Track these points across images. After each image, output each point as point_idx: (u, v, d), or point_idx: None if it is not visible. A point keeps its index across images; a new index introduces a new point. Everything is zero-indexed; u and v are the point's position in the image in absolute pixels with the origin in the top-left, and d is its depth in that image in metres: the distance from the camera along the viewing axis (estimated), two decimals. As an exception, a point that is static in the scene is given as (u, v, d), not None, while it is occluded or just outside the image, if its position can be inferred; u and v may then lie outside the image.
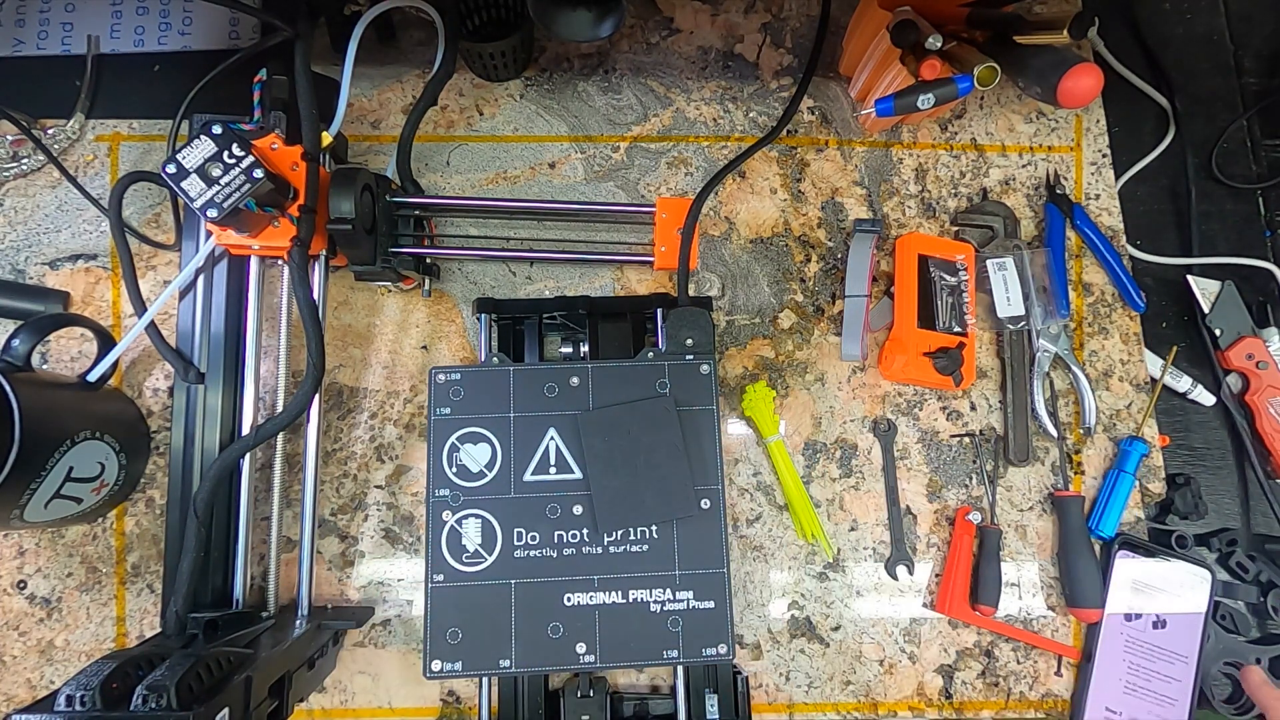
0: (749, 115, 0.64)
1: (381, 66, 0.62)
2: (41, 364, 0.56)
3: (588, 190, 0.62)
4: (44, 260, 0.58)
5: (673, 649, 0.47)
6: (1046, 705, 0.56)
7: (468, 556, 0.48)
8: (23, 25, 0.62)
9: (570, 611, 0.47)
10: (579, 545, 0.49)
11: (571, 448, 0.50)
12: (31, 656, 0.53)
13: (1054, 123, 0.65)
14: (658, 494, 0.48)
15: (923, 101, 0.52)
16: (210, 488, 0.46)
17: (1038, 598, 0.57)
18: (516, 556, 0.48)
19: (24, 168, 0.59)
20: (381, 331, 0.59)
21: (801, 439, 0.59)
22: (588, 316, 0.55)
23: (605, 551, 0.49)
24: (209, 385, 0.52)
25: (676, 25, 0.65)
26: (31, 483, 0.45)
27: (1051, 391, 0.60)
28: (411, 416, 0.57)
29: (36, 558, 0.54)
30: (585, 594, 0.48)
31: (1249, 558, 0.58)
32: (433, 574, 0.48)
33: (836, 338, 0.60)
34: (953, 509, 0.58)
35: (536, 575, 0.48)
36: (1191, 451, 0.61)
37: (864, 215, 0.62)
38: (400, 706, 0.54)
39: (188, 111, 0.57)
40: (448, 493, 0.49)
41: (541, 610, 0.47)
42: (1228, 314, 0.61)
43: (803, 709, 0.55)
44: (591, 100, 0.63)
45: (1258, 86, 0.68)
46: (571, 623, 0.47)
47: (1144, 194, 0.66)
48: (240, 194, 0.44)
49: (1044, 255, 0.60)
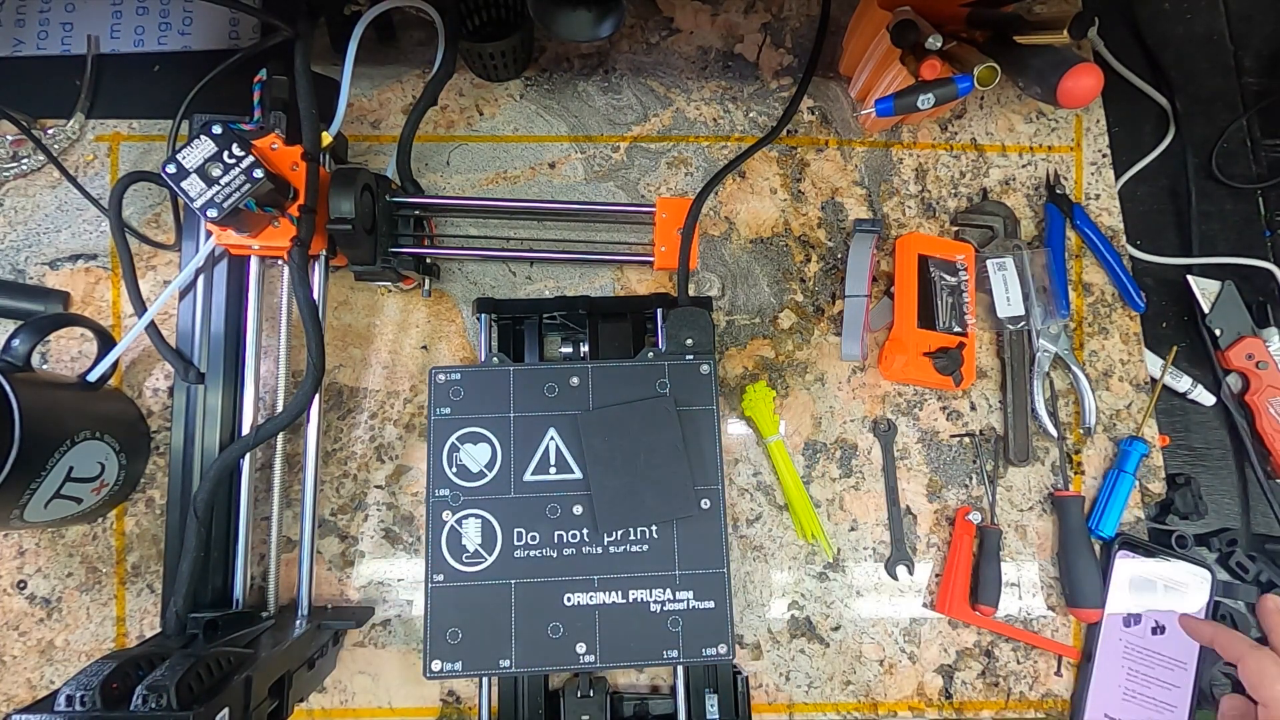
0: (749, 115, 0.64)
1: (381, 66, 0.62)
2: (41, 364, 0.56)
3: (588, 190, 0.62)
4: (44, 260, 0.58)
5: (673, 649, 0.47)
6: (1046, 705, 0.56)
7: (468, 556, 0.48)
8: (23, 25, 0.62)
9: (570, 611, 0.47)
10: (579, 545, 0.49)
11: (571, 448, 0.50)
12: (31, 656, 0.53)
13: (1054, 123, 0.65)
14: (658, 494, 0.48)
15: (923, 101, 0.52)
16: (210, 488, 0.46)
17: (1038, 598, 0.57)
18: (516, 556, 0.48)
19: (24, 168, 0.59)
20: (381, 331, 0.59)
21: (801, 439, 0.59)
22: (588, 316, 0.55)
23: (605, 551, 0.49)
24: (209, 385, 0.52)
25: (676, 25, 0.65)
26: (31, 483, 0.45)
27: (1051, 391, 0.60)
28: (411, 416, 0.57)
29: (36, 558, 0.54)
30: (585, 594, 0.48)
31: (1249, 558, 0.58)
32: (433, 574, 0.48)
33: (836, 338, 0.60)
34: (953, 509, 0.58)
35: (536, 575, 0.48)
36: (1191, 451, 0.61)
37: (864, 215, 0.62)
38: (400, 706, 0.54)
39: (188, 111, 0.57)
40: (448, 493, 0.49)
41: (541, 610, 0.47)
42: (1228, 314, 0.61)
43: (803, 709, 0.55)
44: (591, 100, 0.63)
45: (1258, 86, 0.68)
46: (571, 623, 0.47)
47: (1144, 194, 0.66)
48: (240, 194, 0.44)
49: (1044, 255, 0.60)
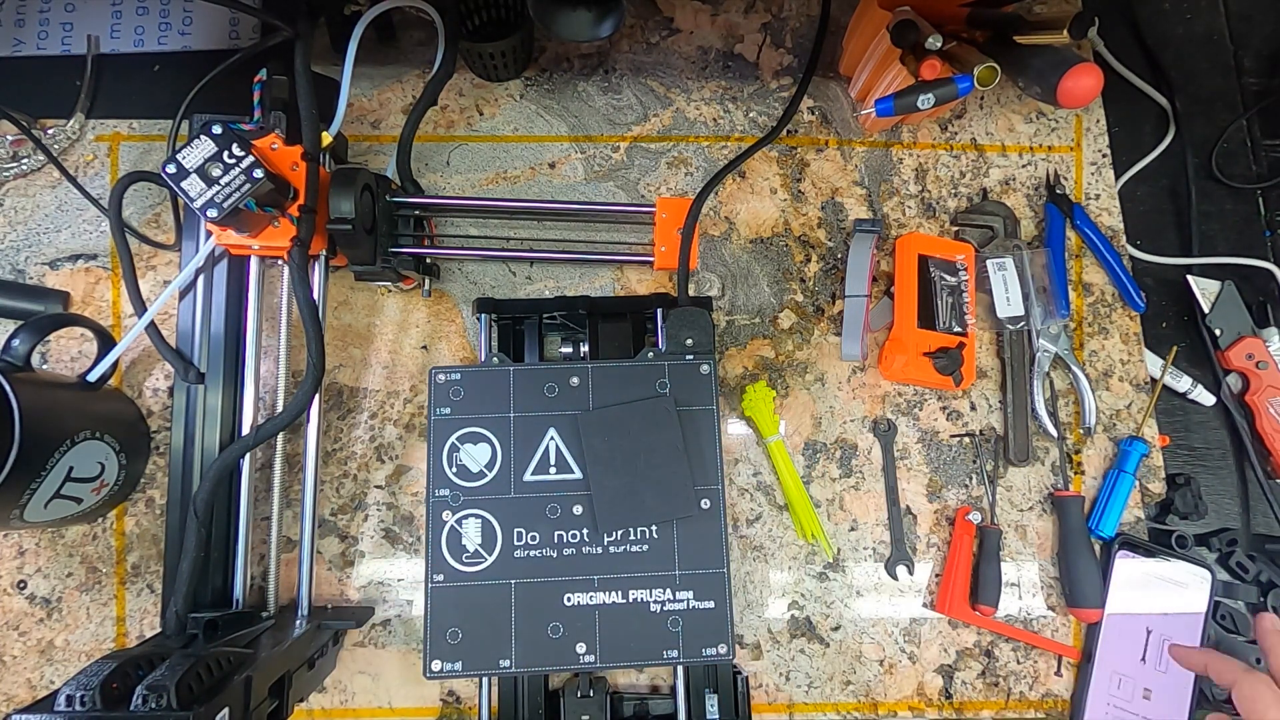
0: (749, 115, 0.64)
1: (381, 66, 0.62)
2: (41, 364, 0.56)
3: (588, 190, 0.62)
4: (44, 260, 0.58)
5: (673, 649, 0.47)
6: (1046, 705, 0.56)
7: (468, 556, 0.48)
8: (23, 25, 0.62)
9: (570, 611, 0.47)
10: (579, 545, 0.49)
11: (571, 448, 0.50)
12: (31, 656, 0.53)
13: (1054, 123, 0.65)
14: (658, 494, 0.48)
15: (923, 101, 0.52)
16: (210, 488, 0.46)
17: (1038, 598, 0.57)
18: (516, 556, 0.48)
19: (24, 168, 0.59)
20: (381, 331, 0.59)
21: (801, 439, 0.59)
22: (588, 316, 0.55)
23: (605, 551, 0.49)
24: (209, 385, 0.52)
25: (676, 25, 0.65)
26: (31, 483, 0.45)
27: (1051, 391, 0.60)
28: (411, 416, 0.57)
29: (36, 558, 0.54)
30: (585, 594, 0.48)
31: (1249, 558, 0.58)
32: (433, 574, 0.48)
33: (836, 338, 0.60)
34: (953, 509, 0.58)
35: (536, 575, 0.48)
36: (1191, 451, 0.61)
37: (864, 215, 0.62)
38: (400, 706, 0.54)
39: (188, 111, 0.56)
40: (448, 493, 0.49)
41: (541, 610, 0.47)
42: (1228, 314, 0.61)
43: (803, 709, 0.55)
44: (591, 100, 0.63)
45: (1258, 86, 0.68)
46: (571, 623, 0.47)
47: (1144, 194, 0.66)
48: (240, 194, 0.44)
49: (1044, 255, 0.60)
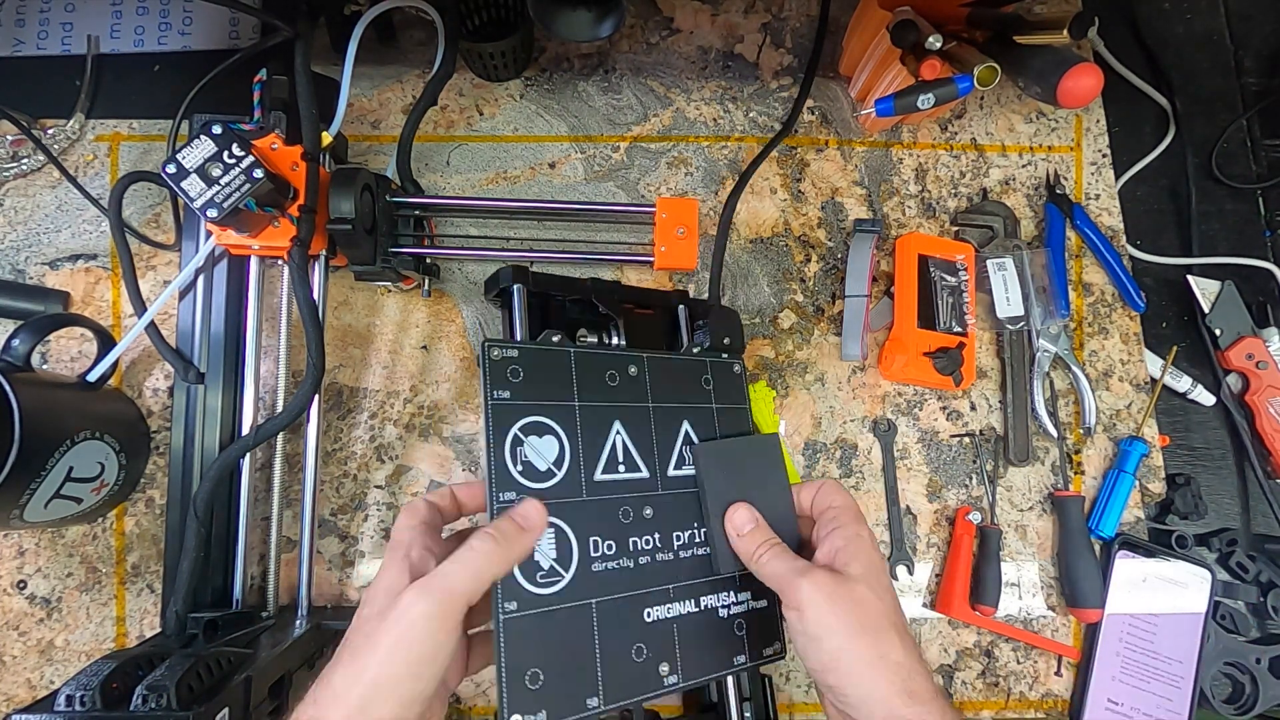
0: (749, 115, 0.64)
1: (381, 66, 0.62)
2: (41, 364, 0.56)
3: (588, 190, 0.61)
4: (44, 260, 0.58)
5: (740, 654, 0.42)
6: (1046, 705, 0.56)
7: (542, 575, 0.38)
8: (23, 25, 0.62)
9: (652, 628, 0.40)
10: (653, 552, 0.41)
11: (638, 444, 0.43)
12: (31, 656, 0.53)
13: (1054, 123, 0.65)
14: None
15: (923, 101, 0.52)
16: (210, 488, 0.46)
17: (1038, 598, 0.57)
18: (594, 570, 0.39)
19: (24, 168, 0.58)
20: (381, 331, 0.58)
21: (801, 439, 0.59)
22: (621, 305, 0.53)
23: (676, 557, 0.42)
24: (209, 385, 0.52)
25: (676, 25, 0.65)
26: (31, 483, 0.45)
27: (1051, 391, 0.60)
28: (411, 416, 0.57)
29: (36, 558, 0.54)
30: (664, 606, 0.41)
31: (1249, 558, 0.58)
32: (503, 602, 0.36)
33: (836, 338, 0.60)
34: (953, 509, 0.58)
35: (616, 591, 0.39)
36: (1191, 451, 0.61)
37: (864, 215, 0.62)
38: (400, 706, 0.54)
39: (188, 111, 0.56)
40: (515, 496, 0.38)
41: (625, 631, 0.39)
42: (1228, 314, 0.61)
43: (803, 709, 0.55)
44: (591, 100, 0.63)
45: (1258, 86, 0.68)
46: (654, 641, 0.40)
47: (1144, 194, 0.66)
48: (240, 194, 0.44)
49: (1044, 255, 0.60)
